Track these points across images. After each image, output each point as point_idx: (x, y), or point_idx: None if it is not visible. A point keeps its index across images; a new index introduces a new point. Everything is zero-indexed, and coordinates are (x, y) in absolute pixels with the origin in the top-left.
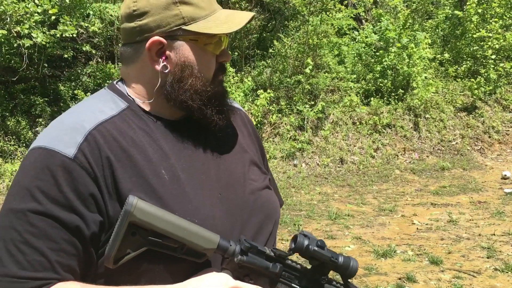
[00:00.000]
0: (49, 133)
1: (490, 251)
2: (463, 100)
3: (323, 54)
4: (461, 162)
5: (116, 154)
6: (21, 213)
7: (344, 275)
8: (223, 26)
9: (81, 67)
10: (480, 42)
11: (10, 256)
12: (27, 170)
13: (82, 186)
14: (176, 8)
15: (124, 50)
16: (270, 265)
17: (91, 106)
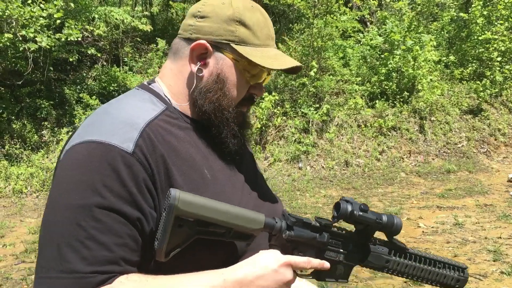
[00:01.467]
0: (100, 126)
1: (497, 254)
2: (469, 103)
3: (328, 57)
4: (467, 164)
5: (167, 152)
6: (84, 208)
7: (389, 233)
8: (267, 60)
9: (86, 71)
10: (485, 44)
11: (74, 252)
12: (82, 164)
13: (142, 181)
14: (234, 25)
15: (176, 42)
16: (317, 235)
17: (134, 104)
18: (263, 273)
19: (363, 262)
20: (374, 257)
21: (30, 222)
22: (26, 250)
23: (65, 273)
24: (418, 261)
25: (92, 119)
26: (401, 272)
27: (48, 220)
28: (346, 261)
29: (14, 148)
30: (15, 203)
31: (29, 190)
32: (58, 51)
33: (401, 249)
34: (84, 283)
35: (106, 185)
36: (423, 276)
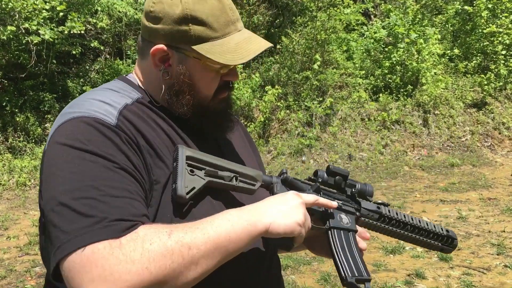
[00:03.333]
0: (80, 107)
1: (500, 248)
2: (473, 96)
3: (332, 50)
4: (471, 158)
5: (146, 131)
6: (92, 171)
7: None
8: (226, 56)
9: (89, 64)
10: (490, 38)
11: (95, 208)
12: (75, 136)
13: (133, 148)
14: (187, 25)
15: (139, 40)
16: (308, 186)
17: (109, 91)
18: (273, 199)
19: (360, 211)
20: (366, 205)
21: (33, 214)
22: (30, 243)
23: (90, 226)
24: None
25: (69, 105)
26: (394, 221)
27: (55, 192)
28: (345, 208)
29: (17, 141)
30: (18, 195)
31: (33, 182)
32: (61, 44)
33: (384, 204)
34: (112, 230)
35: (102, 148)
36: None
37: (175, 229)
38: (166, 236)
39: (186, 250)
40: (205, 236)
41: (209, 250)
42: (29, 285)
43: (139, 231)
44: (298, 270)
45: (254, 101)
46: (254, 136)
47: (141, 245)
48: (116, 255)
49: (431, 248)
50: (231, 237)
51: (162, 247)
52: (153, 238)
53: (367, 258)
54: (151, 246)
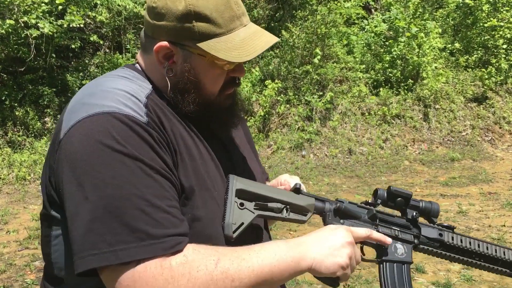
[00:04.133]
0: (105, 98)
1: (500, 242)
2: (474, 90)
3: (332, 44)
4: (471, 153)
5: (171, 125)
6: (129, 177)
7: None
8: (232, 53)
9: (88, 58)
10: (491, 32)
11: (137, 220)
12: (108, 135)
13: (164, 147)
14: (191, 21)
15: (142, 35)
16: (365, 211)
17: (125, 80)
18: (322, 235)
19: (418, 238)
20: (427, 231)
21: (33, 209)
22: (30, 237)
23: (136, 241)
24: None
25: (89, 94)
26: (456, 249)
27: (88, 196)
28: (402, 237)
29: (17, 135)
30: (18, 190)
31: (32, 177)
32: (60, 38)
33: (448, 228)
34: (160, 248)
35: (140, 151)
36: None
37: (223, 257)
38: (213, 265)
39: (229, 282)
40: (250, 270)
41: (251, 282)
42: (29, 279)
43: (188, 254)
44: None
45: (254, 96)
46: (254, 130)
47: (189, 271)
48: (166, 277)
49: (499, 273)
50: (274, 272)
51: (208, 276)
52: (200, 266)
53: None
54: (198, 274)
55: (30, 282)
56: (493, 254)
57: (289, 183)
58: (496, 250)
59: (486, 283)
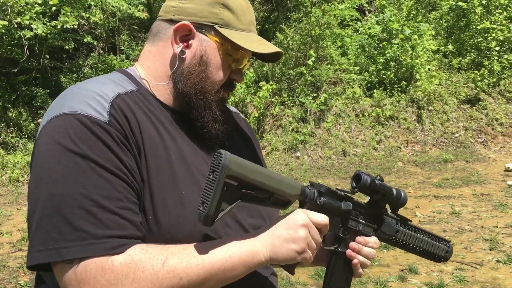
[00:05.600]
0: (72, 99)
1: (493, 243)
2: (467, 92)
3: (326, 46)
4: (464, 154)
5: (138, 123)
6: (80, 176)
7: (396, 206)
8: (251, 44)
9: (82, 59)
10: (484, 34)
11: (81, 219)
12: (66, 135)
13: (125, 146)
14: (219, 8)
15: (156, 24)
16: (342, 204)
17: (103, 80)
18: (276, 224)
19: (376, 231)
20: (386, 227)
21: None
22: (23, 238)
23: (79, 240)
24: (419, 233)
25: (62, 95)
26: (406, 243)
27: (45, 193)
28: (364, 231)
29: (10, 136)
30: (11, 191)
31: (26, 178)
32: (54, 39)
33: (405, 221)
34: (102, 248)
35: (95, 151)
36: (423, 247)
37: (171, 256)
38: (159, 265)
39: (177, 280)
40: (199, 267)
41: (200, 279)
42: (22, 281)
43: (134, 254)
44: None
45: (248, 97)
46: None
47: (134, 272)
48: (108, 278)
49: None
50: (226, 267)
51: (153, 276)
52: (146, 266)
53: None
54: (143, 274)
55: (24, 284)
56: (431, 250)
57: None
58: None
59: (478, 283)
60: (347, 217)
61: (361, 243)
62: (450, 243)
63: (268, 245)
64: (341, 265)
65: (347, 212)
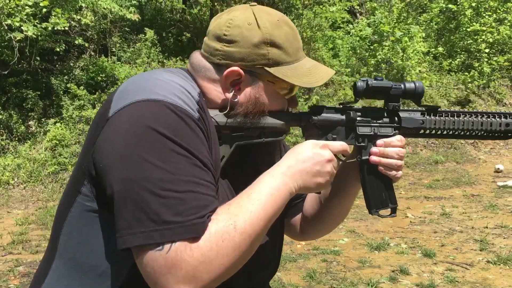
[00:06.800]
0: (159, 88)
1: (483, 244)
2: (457, 94)
3: (318, 48)
4: (455, 155)
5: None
6: (177, 161)
7: (414, 97)
8: (303, 79)
9: (73, 61)
10: (474, 36)
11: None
12: (161, 121)
13: (209, 144)
14: (266, 48)
15: (199, 59)
16: (342, 115)
17: (181, 76)
18: (302, 157)
19: (399, 130)
20: (408, 121)
21: (17, 213)
22: (13, 242)
23: (176, 223)
24: (455, 116)
25: (141, 80)
26: (441, 130)
27: (133, 176)
28: (382, 133)
29: (0, 139)
30: (2, 194)
31: (16, 181)
32: (45, 41)
33: (433, 109)
34: (195, 229)
35: (190, 142)
36: (465, 129)
37: (236, 218)
38: (232, 230)
39: (249, 239)
40: (259, 219)
41: (262, 230)
42: (13, 284)
43: (210, 227)
44: (284, 267)
45: None
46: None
47: (216, 244)
48: (196, 257)
49: (482, 138)
50: (275, 210)
51: (232, 242)
52: (223, 234)
53: (352, 254)
54: (223, 243)
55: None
56: (478, 128)
57: None
58: (482, 123)
59: (469, 284)
60: (353, 124)
61: (382, 146)
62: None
63: (299, 180)
64: (373, 174)
65: (349, 120)
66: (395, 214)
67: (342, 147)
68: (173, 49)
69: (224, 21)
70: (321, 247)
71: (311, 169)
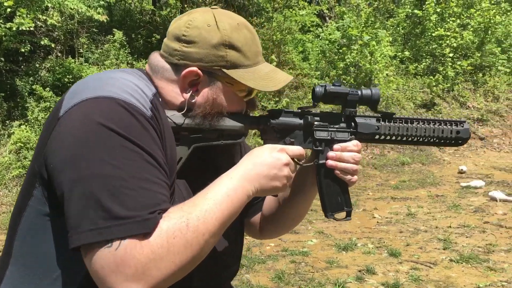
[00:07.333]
0: (111, 86)
1: (446, 243)
2: (423, 97)
3: (288, 51)
4: (420, 157)
5: (165, 126)
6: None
7: (370, 104)
8: (260, 82)
9: (39, 62)
10: (438, 41)
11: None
12: (109, 117)
13: (161, 143)
14: (224, 50)
15: (157, 59)
16: (297, 119)
17: (134, 75)
18: (260, 161)
19: (355, 135)
20: (363, 127)
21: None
22: None
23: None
24: (409, 122)
25: (93, 79)
26: (395, 136)
27: (82, 173)
28: (339, 137)
29: None
30: None
31: None
32: (9, 41)
33: (388, 115)
34: (144, 225)
35: (141, 139)
36: (418, 135)
37: (189, 216)
38: (185, 227)
39: (201, 237)
40: (213, 219)
41: (216, 229)
42: None
43: (162, 224)
44: (253, 269)
45: None
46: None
47: (167, 241)
48: (146, 254)
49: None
50: (231, 212)
51: (183, 239)
52: (175, 232)
53: (320, 255)
54: (175, 240)
55: None
56: (430, 134)
57: None
58: (434, 130)
59: (432, 282)
60: (310, 129)
61: (338, 150)
62: (463, 122)
63: (256, 183)
64: (329, 178)
65: (307, 124)
66: (350, 217)
67: (299, 151)
68: (142, 51)
69: (184, 22)
70: (290, 248)
71: (268, 172)
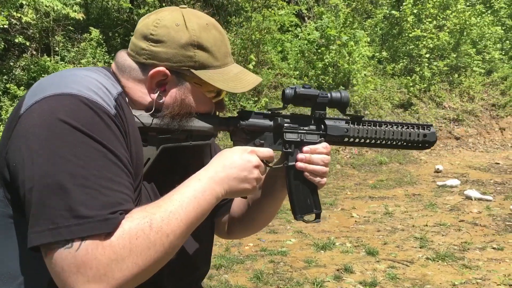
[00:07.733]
0: (75, 83)
1: (423, 241)
2: (400, 97)
3: (266, 51)
4: (398, 156)
5: (130, 125)
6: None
7: (339, 107)
8: (229, 84)
9: (14, 60)
10: (415, 41)
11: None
12: (71, 114)
13: (125, 142)
14: (193, 50)
15: (124, 59)
16: (267, 120)
17: (99, 73)
18: (230, 163)
19: (325, 137)
20: (333, 129)
21: None
22: None
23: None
24: (378, 125)
25: (58, 76)
26: (364, 138)
27: (42, 171)
28: (308, 139)
29: None
30: None
31: None
32: None
33: (357, 118)
34: (106, 224)
35: (104, 137)
36: (386, 138)
37: (153, 216)
38: (148, 228)
39: (165, 238)
40: (178, 220)
41: (182, 231)
42: None
43: (124, 224)
44: (231, 269)
45: None
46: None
47: (129, 241)
48: (108, 254)
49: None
50: (198, 214)
51: (146, 240)
52: (138, 232)
53: (298, 254)
54: (137, 241)
55: None
56: (398, 137)
57: None
58: (402, 133)
59: (409, 280)
60: (280, 130)
61: (308, 152)
62: (430, 126)
63: (225, 185)
64: (298, 180)
65: (276, 126)
66: (319, 219)
67: (269, 153)
68: (119, 49)
69: (152, 20)
70: (269, 248)
71: (238, 174)
